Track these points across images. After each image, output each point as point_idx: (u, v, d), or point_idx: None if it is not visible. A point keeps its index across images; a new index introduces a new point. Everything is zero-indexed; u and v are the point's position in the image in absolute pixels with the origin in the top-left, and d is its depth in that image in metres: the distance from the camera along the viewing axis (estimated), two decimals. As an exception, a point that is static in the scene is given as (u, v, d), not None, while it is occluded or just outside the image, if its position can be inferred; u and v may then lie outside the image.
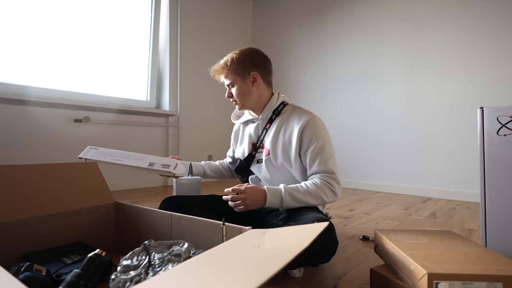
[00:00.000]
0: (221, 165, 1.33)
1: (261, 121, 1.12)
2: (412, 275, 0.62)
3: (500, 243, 0.86)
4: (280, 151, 1.05)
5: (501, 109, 0.86)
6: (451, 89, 2.24)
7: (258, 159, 1.12)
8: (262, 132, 1.11)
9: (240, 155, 1.19)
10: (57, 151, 2.11)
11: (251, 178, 1.17)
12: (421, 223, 1.50)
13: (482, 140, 0.89)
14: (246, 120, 1.19)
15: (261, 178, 1.12)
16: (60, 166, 0.98)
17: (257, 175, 1.13)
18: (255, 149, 1.12)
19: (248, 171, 1.16)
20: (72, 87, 2.25)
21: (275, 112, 1.10)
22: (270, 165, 1.08)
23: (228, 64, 1.08)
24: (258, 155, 1.12)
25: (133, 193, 2.27)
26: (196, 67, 3.01)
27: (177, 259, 0.62)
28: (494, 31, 2.06)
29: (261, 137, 1.11)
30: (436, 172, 2.29)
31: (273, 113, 1.10)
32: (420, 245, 0.72)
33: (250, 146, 1.14)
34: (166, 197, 1.08)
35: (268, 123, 1.10)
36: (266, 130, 1.10)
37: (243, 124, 1.23)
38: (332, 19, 2.90)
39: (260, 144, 1.11)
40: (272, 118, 1.10)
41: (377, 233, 0.84)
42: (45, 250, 0.85)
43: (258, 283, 0.31)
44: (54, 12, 2.15)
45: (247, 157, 1.14)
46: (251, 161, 1.13)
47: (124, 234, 1.01)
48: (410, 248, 0.69)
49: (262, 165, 1.10)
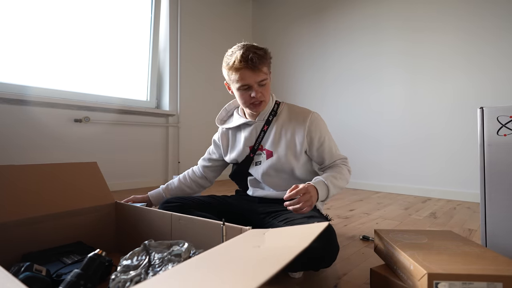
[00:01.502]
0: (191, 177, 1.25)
1: (258, 123, 1.10)
2: (412, 275, 0.62)
3: (500, 243, 0.86)
4: (283, 151, 1.05)
5: (501, 109, 0.86)
6: (451, 89, 2.24)
7: (257, 161, 1.11)
8: (260, 134, 1.09)
9: (235, 159, 1.16)
10: (57, 151, 2.11)
11: (250, 180, 1.16)
12: (421, 223, 1.50)
13: (482, 140, 0.89)
14: (239, 125, 1.13)
15: (260, 179, 1.11)
16: (60, 166, 0.98)
17: (256, 177, 1.13)
18: (253, 152, 1.11)
19: (246, 174, 1.15)
20: (72, 87, 2.25)
21: (272, 113, 1.09)
22: (272, 166, 1.07)
23: (268, 54, 0.99)
24: (257, 157, 1.11)
25: (133, 193, 2.27)
26: (196, 67, 3.01)
27: (177, 259, 0.62)
28: (494, 32, 2.06)
29: (259, 139, 1.09)
30: (436, 172, 2.29)
31: (269, 115, 1.09)
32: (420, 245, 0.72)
33: (247, 149, 1.12)
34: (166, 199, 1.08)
35: (266, 125, 1.09)
36: (264, 132, 1.09)
37: (233, 129, 1.17)
38: (333, 19, 2.90)
39: (258, 146, 1.10)
40: (269, 120, 1.09)
41: (377, 233, 0.84)
42: (45, 250, 0.85)
43: (258, 283, 0.31)
44: (54, 12, 2.15)
45: (245, 159, 1.13)
46: (249, 164, 1.13)
47: (124, 234, 1.01)
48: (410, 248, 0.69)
49: (261, 167, 1.09)
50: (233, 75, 0.98)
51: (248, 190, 1.17)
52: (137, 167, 2.56)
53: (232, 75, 0.98)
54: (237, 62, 0.94)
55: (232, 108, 1.22)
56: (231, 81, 1.01)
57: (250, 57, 0.93)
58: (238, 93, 1.02)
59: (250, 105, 1.03)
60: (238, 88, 0.99)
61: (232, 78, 0.99)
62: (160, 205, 1.05)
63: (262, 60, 0.96)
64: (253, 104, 1.02)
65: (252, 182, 1.16)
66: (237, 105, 1.20)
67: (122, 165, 2.46)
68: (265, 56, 0.98)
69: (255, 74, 0.96)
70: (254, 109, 1.04)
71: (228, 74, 1.00)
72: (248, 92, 0.99)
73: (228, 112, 1.22)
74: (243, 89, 0.99)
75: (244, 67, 0.94)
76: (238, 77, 0.96)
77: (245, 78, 0.96)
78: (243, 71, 0.95)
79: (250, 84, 0.97)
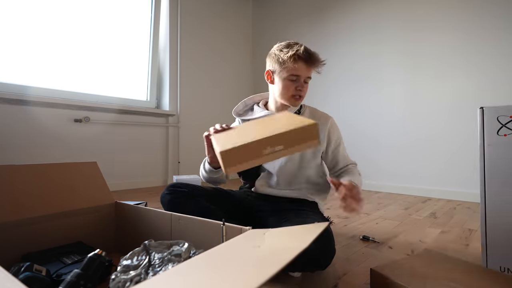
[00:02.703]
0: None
1: None
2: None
3: (500, 244, 0.86)
4: None
5: (501, 109, 0.86)
6: (451, 89, 2.24)
7: None
8: None
9: None
10: (57, 151, 2.11)
11: (263, 175, 1.15)
12: (421, 223, 1.50)
13: (482, 140, 0.89)
14: (261, 116, 1.13)
15: (275, 173, 1.11)
16: (60, 166, 0.98)
17: (270, 170, 1.13)
18: None
19: (259, 167, 1.14)
20: (72, 87, 2.25)
21: (296, 112, 1.15)
22: (290, 159, 1.09)
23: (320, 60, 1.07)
24: None
25: (133, 193, 2.27)
26: (197, 66, 3.01)
27: (177, 259, 0.62)
28: (494, 32, 2.06)
29: None
30: (436, 172, 2.29)
31: (295, 112, 1.14)
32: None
33: None
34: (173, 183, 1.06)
35: None
36: None
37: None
38: (333, 18, 2.90)
39: None
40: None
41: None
42: (45, 250, 0.85)
43: (258, 283, 0.31)
44: (54, 12, 2.15)
45: None
46: None
47: (124, 234, 1.01)
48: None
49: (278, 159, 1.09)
50: (289, 63, 1.01)
51: (253, 187, 1.16)
52: (137, 167, 2.56)
53: (288, 63, 1.01)
54: (301, 52, 1.00)
55: (251, 103, 1.23)
56: (282, 69, 1.03)
57: (313, 53, 1.03)
58: (283, 83, 1.04)
59: (291, 97, 1.05)
60: (287, 77, 1.03)
61: (285, 66, 1.02)
62: (167, 187, 1.04)
63: (318, 61, 1.04)
64: (294, 96, 1.05)
65: (263, 177, 1.14)
66: (257, 101, 1.22)
67: (122, 165, 2.46)
68: (319, 60, 1.05)
69: (308, 70, 1.03)
70: (294, 102, 1.07)
71: (283, 61, 1.02)
72: (295, 84, 1.03)
73: (246, 106, 1.23)
74: (291, 80, 1.03)
75: (304, 58, 1.01)
76: (294, 66, 1.01)
77: (300, 69, 1.01)
78: (301, 62, 1.01)
79: (300, 76, 1.03)
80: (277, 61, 1.05)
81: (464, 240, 1.24)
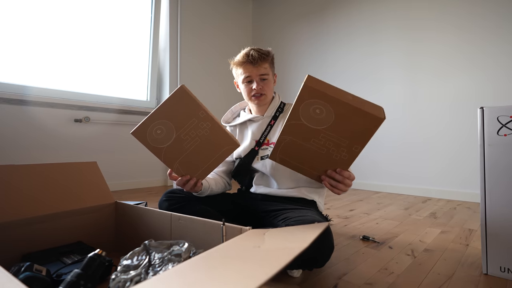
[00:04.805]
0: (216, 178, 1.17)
1: (265, 118, 1.16)
2: None
3: (500, 244, 0.86)
4: None
5: (501, 109, 0.86)
6: (451, 89, 2.24)
7: (262, 156, 1.12)
8: (266, 129, 1.14)
9: (239, 154, 1.17)
10: (57, 151, 2.11)
11: (256, 177, 1.15)
12: (421, 223, 1.50)
13: (482, 140, 0.89)
14: (245, 121, 1.20)
15: (270, 173, 1.11)
16: (60, 166, 0.98)
17: (262, 171, 1.12)
18: (258, 145, 1.13)
19: (249, 169, 1.15)
20: (72, 87, 2.25)
21: (278, 110, 1.17)
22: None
23: (270, 55, 1.12)
24: (262, 152, 1.12)
25: (133, 193, 2.27)
26: (197, 66, 3.01)
27: (177, 259, 0.62)
28: (495, 31, 2.06)
29: (265, 133, 1.14)
30: (436, 172, 2.29)
31: (276, 111, 1.16)
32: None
33: (253, 143, 1.15)
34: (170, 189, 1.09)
35: (273, 120, 1.15)
36: (271, 127, 1.14)
37: (240, 126, 1.22)
38: (332, 18, 2.90)
39: (264, 140, 1.13)
40: (276, 115, 1.16)
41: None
42: (45, 250, 0.85)
43: (258, 283, 0.31)
44: (54, 12, 2.15)
45: (249, 153, 1.14)
46: (253, 158, 1.13)
47: (124, 234, 1.01)
48: None
49: (267, 160, 1.10)
50: (238, 69, 1.12)
51: (251, 188, 1.17)
52: (137, 167, 2.56)
53: (237, 70, 1.13)
54: (240, 58, 1.10)
55: (238, 110, 1.28)
56: (237, 76, 1.15)
57: (251, 53, 1.08)
58: (242, 88, 1.14)
59: (252, 97, 1.12)
60: (242, 81, 1.12)
61: (237, 73, 1.13)
62: (165, 194, 1.06)
63: (263, 57, 1.09)
64: (254, 96, 1.11)
65: (257, 179, 1.15)
66: (243, 107, 1.28)
67: (122, 165, 2.46)
68: (266, 54, 1.10)
69: (256, 68, 1.08)
70: (256, 101, 1.12)
71: (235, 71, 1.14)
72: (250, 85, 1.11)
73: (233, 113, 1.28)
74: (246, 82, 1.11)
75: (246, 61, 1.08)
76: (241, 71, 1.11)
77: (247, 71, 1.09)
78: (245, 65, 1.09)
79: (251, 76, 1.09)
80: (233, 71, 1.17)
81: (464, 240, 1.24)
